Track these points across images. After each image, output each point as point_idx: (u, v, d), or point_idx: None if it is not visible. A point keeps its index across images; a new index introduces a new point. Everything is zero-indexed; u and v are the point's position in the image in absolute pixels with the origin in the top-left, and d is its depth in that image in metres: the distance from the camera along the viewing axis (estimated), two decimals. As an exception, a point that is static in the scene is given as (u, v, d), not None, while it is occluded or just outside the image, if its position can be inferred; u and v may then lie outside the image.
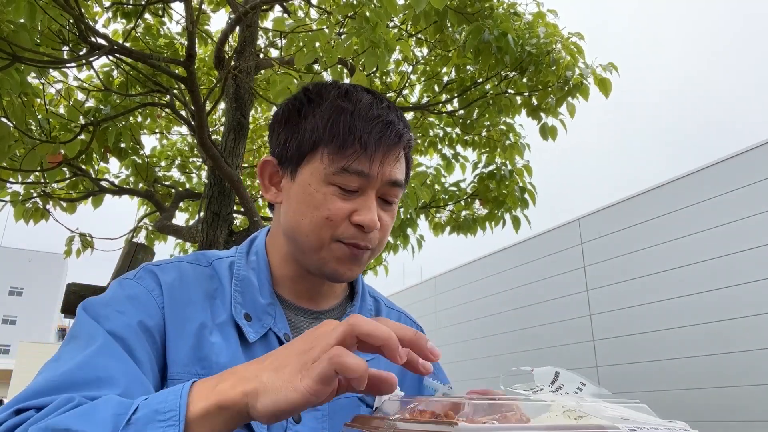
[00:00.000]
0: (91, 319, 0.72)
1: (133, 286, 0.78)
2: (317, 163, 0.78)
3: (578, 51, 3.73)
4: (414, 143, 0.86)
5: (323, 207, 0.77)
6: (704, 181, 7.39)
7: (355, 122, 0.77)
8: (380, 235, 0.82)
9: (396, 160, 0.80)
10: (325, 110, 0.79)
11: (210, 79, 5.02)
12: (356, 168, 0.76)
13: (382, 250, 0.89)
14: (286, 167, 0.82)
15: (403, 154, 0.82)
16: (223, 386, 0.54)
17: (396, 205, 0.85)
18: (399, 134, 0.79)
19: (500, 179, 4.48)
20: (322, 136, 0.78)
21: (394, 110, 0.83)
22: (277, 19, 3.14)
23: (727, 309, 6.87)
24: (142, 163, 4.40)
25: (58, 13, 2.73)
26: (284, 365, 0.53)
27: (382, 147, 0.77)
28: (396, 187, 0.81)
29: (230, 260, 0.87)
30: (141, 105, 3.96)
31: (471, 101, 4.29)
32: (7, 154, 2.77)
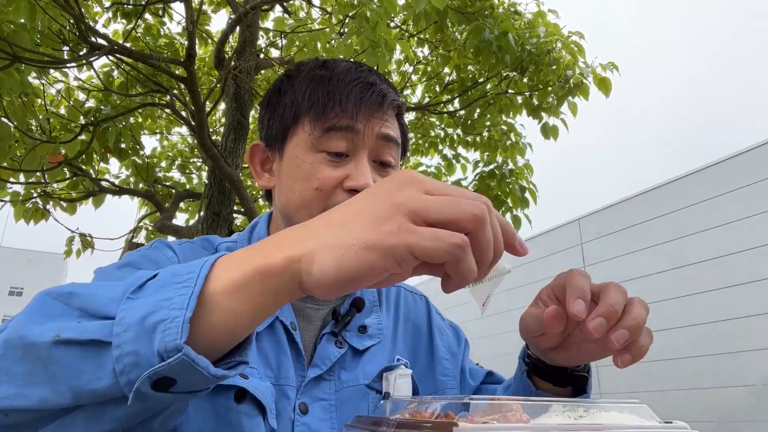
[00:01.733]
0: (100, 272, 0.69)
1: (150, 254, 0.74)
2: (301, 134, 0.75)
3: (578, 50, 3.73)
4: (404, 107, 0.82)
5: (312, 177, 0.72)
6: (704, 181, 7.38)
7: (334, 87, 0.74)
8: None
9: (384, 121, 0.75)
10: (303, 81, 0.77)
11: (210, 79, 5.02)
12: (340, 124, 0.72)
13: None
14: (274, 147, 0.79)
15: (392, 115, 0.78)
16: (266, 251, 0.45)
17: (394, 170, 0.78)
18: (381, 94, 0.75)
19: (501, 178, 4.47)
20: (301, 106, 0.75)
21: (377, 74, 0.79)
22: (277, 19, 3.14)
23: (727, 309, 6.86)
24: (142, 164, 4.40)
25: (58, 13, 2.73)
26: (350, 220, 0.43)
27: (365, 106, 0.73)
28: (390, 143, 0.75)
29: (231, 244, 0.83)
30: (141, 105, 3.96)
31: (472, 101, 4.28)
32: (7, 155, 2.77)
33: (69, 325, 0.44)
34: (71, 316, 0.46)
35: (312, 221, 0.47)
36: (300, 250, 0.43)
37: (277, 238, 0.46)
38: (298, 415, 0.73)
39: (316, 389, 0.75)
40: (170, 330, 0.41)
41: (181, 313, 0.41)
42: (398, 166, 0.80)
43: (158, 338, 0.41)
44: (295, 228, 0.47)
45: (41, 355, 0.44)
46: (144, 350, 0.41)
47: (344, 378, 0.78)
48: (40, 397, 0.43)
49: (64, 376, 0.43)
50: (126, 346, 0.42)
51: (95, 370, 0.42)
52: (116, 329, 0.42)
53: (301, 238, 0.44)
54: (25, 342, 0.44)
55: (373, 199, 0.44)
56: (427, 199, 0.43)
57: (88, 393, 0.43)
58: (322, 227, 0.44)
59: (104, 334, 0.43)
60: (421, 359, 0.89)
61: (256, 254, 0.45)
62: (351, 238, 0.42)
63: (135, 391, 0.41)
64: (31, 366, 0.44)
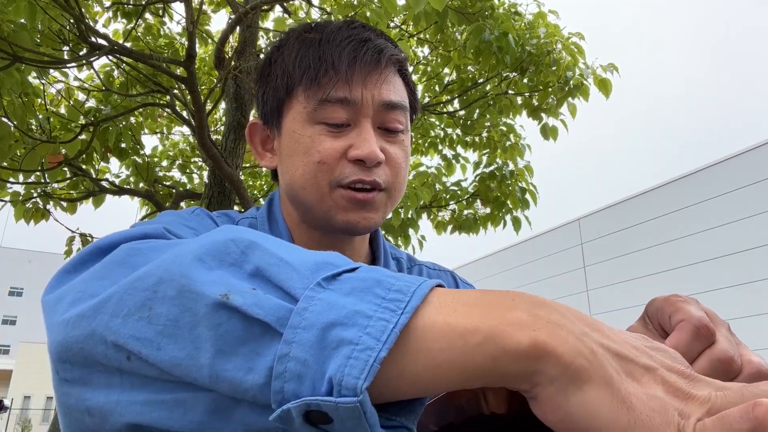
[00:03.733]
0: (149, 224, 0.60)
1: (191, 221, 0.68)
2: (297, 106, 0.69)
3: (578, 51, 3.74)
4: (406, 61, 0.74)
5: (313, 150, 0.67)
6: (704, 181, 7.39)
7: (325, 49, 0.68)
8: (391, 173, 0.70)
9: (384, 80, 0.69)
10: (292, 47, 0.71)
11: (210, 79, 5.03)
12: (336, 95, 0.66)
13: (401, 194, 0.74)
14: (272, 124, 0.74)
15: (393, 72, 0.72)
16: (512, 316, 0.32)
17: (405, 135, 0.72)
18: (378, 49, 0.69)
19: (501, 179, 4.48)
20: (293, 75, 0.69)
21: (372, 30, 0.72)
22: (277, 19, 3.14)
23: (727, 309, 6.87)
24: (142, 163, 4.40)
25: (58, 13, 2.73)
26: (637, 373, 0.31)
27: (359, 67, 0.67)
28: (394, 110, 0.70)
29: (251, 220, 0.78)
30: (141, 105, 3.97)
31: (471, 101, 4.29)
32: (7, 154, 2.78)
33: (242, 286, 0.35)
34: (243, 274, 0.37)
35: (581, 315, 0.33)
36: (569, 352, 0.30)
37: (530, 302, 0.33)
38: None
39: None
40: (355, 362, 0.31)
41: (376, 347, 0.32)
42: (408, 130, 0.74)
43: (337, 362, 0.32)
44: (561, 305, 0.34)
45: (197, 309, 0.35)
46: (315, 365, 0.32)
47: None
48: (172, 357, 0.35)
49: (211, 347, 0.34)
50: (298, 348, 0.33)
51: (250, 358, 0.34)
52: (294, 320, 0.33)
53: (579, 333, 0.31)
54: (185, 283, 0.36)
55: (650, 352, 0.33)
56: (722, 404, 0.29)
57: (229, 382, 0.34)
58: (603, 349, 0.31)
59: (278, 321, 0.34)
60: None
61: (492, 308, 0.33)
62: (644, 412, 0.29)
63: (283, 411, 0.32)
64: (180, 314, 0.36)
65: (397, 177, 0.71)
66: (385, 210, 0.71)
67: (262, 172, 5.63)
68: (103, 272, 0.41)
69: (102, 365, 0.37)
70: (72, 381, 0.39)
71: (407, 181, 0.75)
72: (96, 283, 0.40)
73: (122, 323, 0.36)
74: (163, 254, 0.40)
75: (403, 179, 0.72)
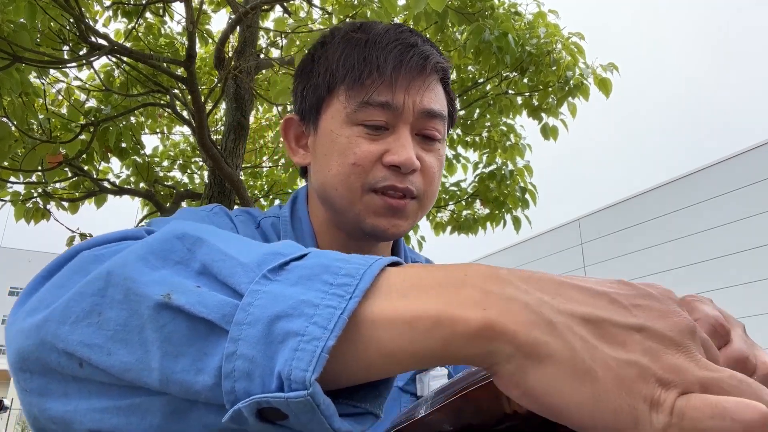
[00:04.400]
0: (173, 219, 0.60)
1: (211, 219, 0.68)
2: (337, 105, 0.68)
3: (578, 51, 3.74)
4: (451, 71, 0.73)
5: (349, 152, 0.66)
6: (704, 182, 7.39)
7: (370, 51, 0.67)
8: (425, 181, 0.69)
9: (427, 88, 0.68)
10: (337, 46, 0.70)
11: (211, 79, 5.03)
12: (378, 99, 0.66)
13: (432, 203, 0.73)
14: (308, 121, 0.73)
15: (437, 80, 0.71)
16: (462, 295, 0.30)
17: (441, 145, 0.72)
18: (424, 56, 0.68)
19: (501, 179, 4.48)
20: (336, 74, 0.68)
21: (419, 36, 0.71)
22: (278, 19, 3.14)
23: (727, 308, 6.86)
24: (142, 163, 4.40)
25: (58, 12, 2.73)
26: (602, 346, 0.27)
27: (404, 72, 0.66)
28: (434, 118, 0.69)
29: (273, 219, 0.77)
30: (142, 105, 3.97)
31: (471, 102, 4.29)
32: (7, 155, 2.78)
33: (185, 285, 0.34)
34: (190, 272, 0.35)
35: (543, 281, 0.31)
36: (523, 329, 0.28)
37: (482, 277, 0.31)
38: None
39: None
40: (302, 354, 0.30)
41: (323, 336, 0.30)
42: (445, 139, 0.74)
43: (284, 356, 0.30)
44: (523, 282, 0.30)
45: (142, 312, 0.33)
46: (263, 361, 0.31)
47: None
48: (123, 362, 0.33)
49: (158, 350, 0.33)
50: (244, 345, 0.31)
51: (198, 358, 0.32)
52: (239, 316, 0.32)
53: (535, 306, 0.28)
54: (130, 286, 0.34)
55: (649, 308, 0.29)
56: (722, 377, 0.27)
57: (180, 384, 0.32)
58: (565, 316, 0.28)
59: (223, 318, 0.32)
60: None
61: (442, 289, 0.31)
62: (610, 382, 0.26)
63: (235, 412, 0.31)
64: (128, 318, 0.34)
65: (431, 186, 0.70)
66: (415, 218, 0.70)
67: (263, 172, 5.63)
68: (61, 281, 0.39)
69: (58, 373, 0.36)
70: (32, 391, 0.37)
71: (438, 190, 0.74)
72: (54, 292, 0.38)
73: (70, 330, 0.35)
74: (115, 251, 0.38)
75: (436, 188, 0.72)
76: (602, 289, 0.30)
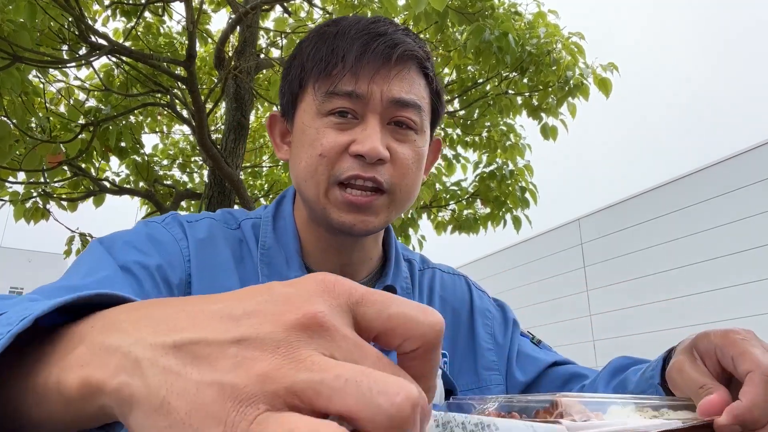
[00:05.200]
0: (104, 249, 0.63)
1: (159, 230, 0.69)
2: (309, 98, 0.69)
3: (578, 51, 3.74)
4: (428, 60, 0.70)
5: (317, 143, 0.66)
6: (704, 181, 7.40)
7: (338, 42, 0.66)
8: (396, 173, 0.67)
9: (397, 77, 0.67)
10: (311, 41, 0.71)
11: (211, 79, 5.02)
12: (343, 89, 0.65)
13: (411, 199, 0.70)
14: (288, 117, 0.74)
15: (410, 69, 0.68)
16: (71, 357, 0.27)
17: (419, 136, 0.70)
18: (391, 44, 0.66)
19: (501, 179, 4.48)
20: (306, 67, 0.69)
21: (393, 25, 0.70)
22: (278, 19, 3.14)
23: (727, 309, 6.87)
24: (142, 163, 4.40)
25: (58, 12, 2.73)
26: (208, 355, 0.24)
27: (368, 60, 0.65)
28: (405, 108, 0.67)
29: (255, 221, 0.77)
30: (141, 105, 3.97)
31: (471, 102, 4.29)
32: (8, 155, 2.77)
33: None
34: None
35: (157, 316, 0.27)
36: (110, 376, 0.25)
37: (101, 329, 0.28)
38: None
39: None
40: None
41: None
42: (425, 131, 0.71)
43: None
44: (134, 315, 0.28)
45: None
46: None
47: None
48: None
49: None
50: None
51: None
52: None
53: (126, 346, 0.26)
54: None
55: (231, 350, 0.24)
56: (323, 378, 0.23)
57: None
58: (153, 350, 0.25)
59: None
60: (462, 349, 0.80)
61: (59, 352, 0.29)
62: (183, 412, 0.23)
63: None
64: None
65: (404, 179, 0.68)
66: (388, 213, 0.69)
67: (263, 171, 5.62)
68: None
69: None
70: None
71: (417, 183, 0.71)
72: None
73: None
74: None
75: (412, 182, 0.69)
76: (219, 306, 0.26)
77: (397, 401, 0.22)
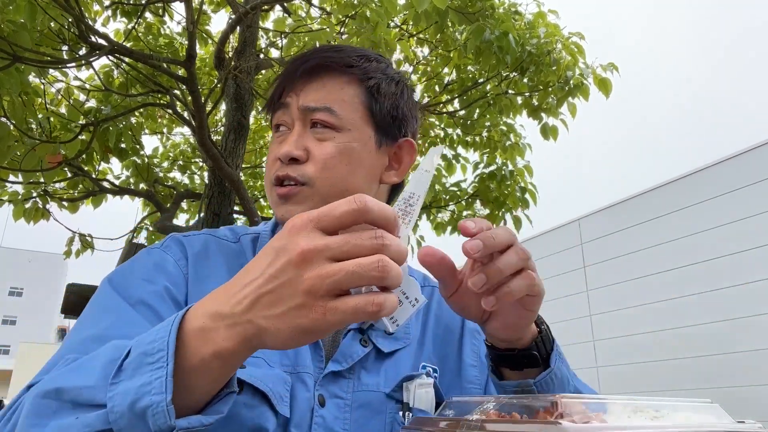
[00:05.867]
0: (114, 292, 0.70)
1: (161, 256, 0.76)
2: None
3: (579, 51, 3.74)
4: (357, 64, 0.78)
5: (268, 156, 0.80)
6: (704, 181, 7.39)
7: (286, 68, 0.80)
8: (316, 168, 0.75)
9: (311, 87, 0.77)
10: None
11: (211, 79, 5.02)
12: (274, 101, 0.78)
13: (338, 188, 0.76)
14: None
15: (326, 77, 0.77)
16: (215, 335, 0.47)
17: (341, 134, 0.76)
18: (305, 60, 0.77)
19: (501, 179, 4.48)
20: (269, 95, 0.82)
21: (338, 49, 0.79)
22: (278, 20, 3.14)
23: (727, 309, 6.86)
24: (142, 164, 4.40)
25: (58, 12, 2.73)
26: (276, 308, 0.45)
27: (296, 75, 0.77)
28: (315, 112, 0.76)
29: (255, 235, 0.85)
30: (141, 105, 3.96)
31: (471, 102, 4.29)
32: (7, 155, 2.77)
33: (68, 422, 0.49)
34: (67, 412, 0.50)
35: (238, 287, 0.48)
36: (246, 333, 0.47)
37: (223, 318, 0.48)
38: (317, 406, 0.71)
39: (334, 385, 0.74)
40: (158, 414, 0.46)
41: (163, 398, 0.46)
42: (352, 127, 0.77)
43: (150, 422, 0.46)
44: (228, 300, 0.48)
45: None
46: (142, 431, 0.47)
47: (364, 380, 0.76)
48: None
49: None
50: (123, 429, 0.47)
51: None
52: (111, 417, 0.47)
53: (242, 320, 0.47)
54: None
55: (285, 284, 0.45)
56: (334, 271, 0.44)
57: None
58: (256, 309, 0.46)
59: (103, 423, 0.47)
60: (450, 364, 0.85)
61: (210, 332, 0.48)
62: (286, 324, 0.45)
63: None
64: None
65: (324, 172, 0.75)
66: (313, 203, 0.75)
67: (262, 171, 5.62)
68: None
69: None
70: None
71: (350, 175, 0.77)
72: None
73: None
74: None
75: (334, 174, 0.76)
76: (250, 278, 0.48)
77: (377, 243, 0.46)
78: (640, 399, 0.49)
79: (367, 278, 0.44)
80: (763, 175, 6.82)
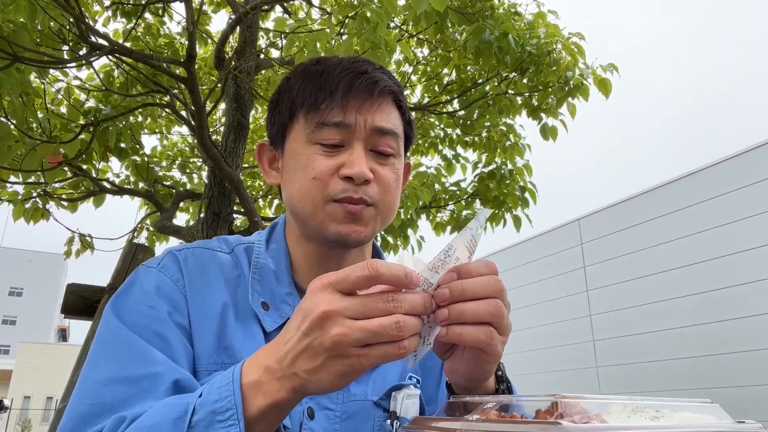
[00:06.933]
0: (122, 325, 0.71)
1: (158, 277, 0.77)
2: (298, 128, 0.78)
3: (578, 51, 3.74)
4: (401, 94, 0.83)
5: (309, 167, 0.76)
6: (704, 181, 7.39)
7: (325, 79, 0.77)
8: (380, 190, 0.77)
9: (378, 109, 0.77)
10: (298, 78, 0.80)
11: (211, 79, 5.02)
12: (332, 120, 0.75)
13: (392, 213, 0.82)
14: (278, 146, 0.83)
15: (388, 102, 0.79)
16: (269, 388, 0.56)
17: (397, 160, 0.80)
18: (373, 80, 0.76)
19: (500, 179, 4.48)
20: (296, 102, 0.78)
21: (371, 64, 0.80)
22: (278, 20, 3.14)
23: (727, 309, 6.87)
24: (142, 163, 4.40)
25: (58, 12, 2.73)
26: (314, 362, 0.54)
27: (355, 95, 0.75)
28: (385, 135, 0.77)
29: (248, 245, 0.86)
30: (141, 105, 3.96)
31: (471, 102, 4.29)
32: (8, 155, 2.77)
33: None
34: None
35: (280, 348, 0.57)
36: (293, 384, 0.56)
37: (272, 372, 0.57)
38: (306, 419, 0.72)
39: (323, 396, 0.75)
40: None
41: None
42: (401, 155, 0.81)
43: None
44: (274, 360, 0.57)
45: None
46: None
47: (353, 389, 0.77)
48: None
49: None
50: None
51: None
52: None
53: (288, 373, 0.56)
54: None
55: (316, 340, 0.54)
56: (359, 329, 0.52)
57: None
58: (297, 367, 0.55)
59: None
60: (433, 377, 0.88)
61: (264, 384, 0.57)
62: (325, 374, 0.54)
63: None
64: None
65: (387, 195, 0.78)
66: (375, 225, 0.78)
67: (262, 172, 5.61)
68: None
69: None
70: None
71: (396, 200, 0.81)
72: None
73: None
74: None
75: (393, 198, 0.80)
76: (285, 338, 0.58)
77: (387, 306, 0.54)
78: (640, 399, 0.49)
79: (388, 336, 0.52)
80: (763, 175, 6.82)
